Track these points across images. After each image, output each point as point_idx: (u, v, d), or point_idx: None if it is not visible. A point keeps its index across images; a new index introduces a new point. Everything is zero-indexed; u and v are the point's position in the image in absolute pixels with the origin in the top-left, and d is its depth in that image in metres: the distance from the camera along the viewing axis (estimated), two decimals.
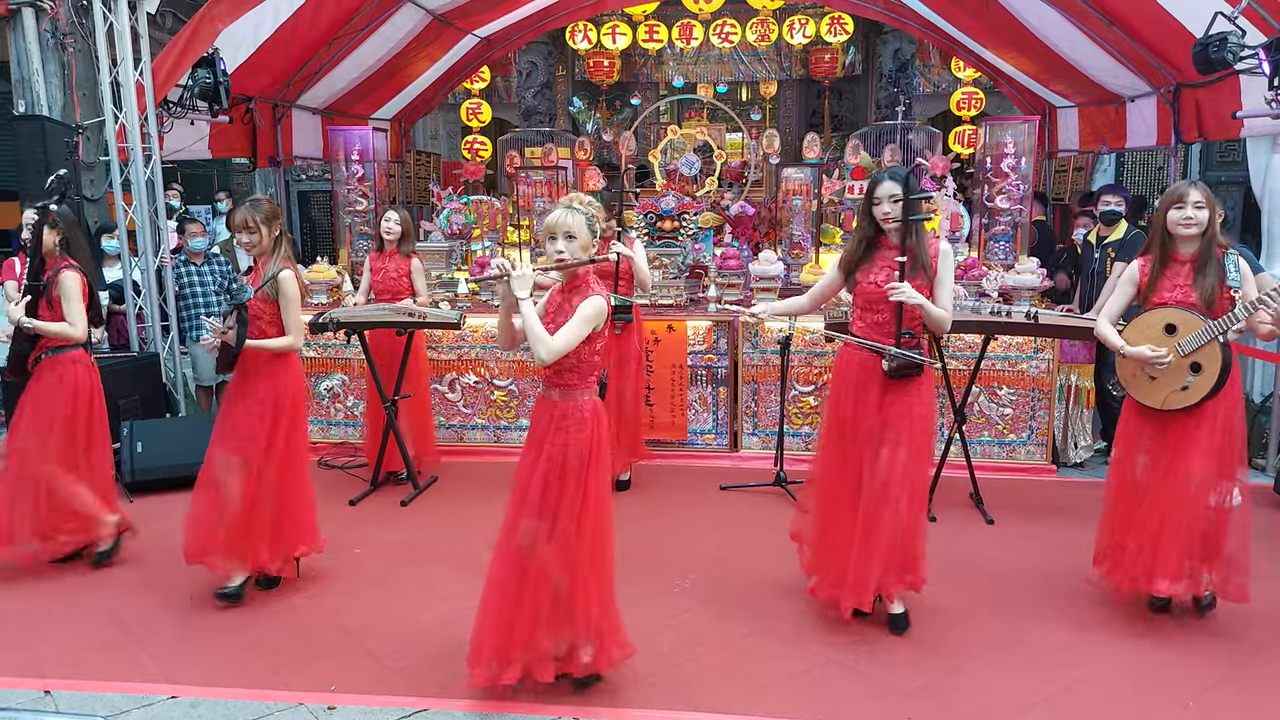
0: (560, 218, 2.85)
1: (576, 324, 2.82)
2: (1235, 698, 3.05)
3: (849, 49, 11.39)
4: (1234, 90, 5.51)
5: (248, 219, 3.60)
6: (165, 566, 4.05)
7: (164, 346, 5.91)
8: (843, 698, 3.09)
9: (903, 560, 3.40)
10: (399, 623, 3.61)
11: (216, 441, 3.69)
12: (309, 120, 8.07)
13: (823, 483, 3.57)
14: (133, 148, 5.64)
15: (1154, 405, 3.41)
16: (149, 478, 5.10)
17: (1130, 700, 3.05)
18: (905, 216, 3.26)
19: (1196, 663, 3.27)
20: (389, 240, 5.30)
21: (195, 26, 5.59)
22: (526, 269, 2.80)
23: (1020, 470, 5.42)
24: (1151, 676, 3.19)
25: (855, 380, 3.42)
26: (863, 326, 3.44)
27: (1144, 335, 3.39)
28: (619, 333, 4.83)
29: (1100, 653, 3.34)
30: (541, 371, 2.96)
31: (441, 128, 13.47)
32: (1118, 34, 6.20)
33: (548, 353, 2.77)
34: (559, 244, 2.84)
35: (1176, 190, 3.34)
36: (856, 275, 3.42)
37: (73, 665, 3.32)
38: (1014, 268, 5.75)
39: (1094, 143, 7.98)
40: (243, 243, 3.66)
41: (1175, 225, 3.32)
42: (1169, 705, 3.02)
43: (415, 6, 7.34)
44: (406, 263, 5.34)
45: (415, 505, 4.98)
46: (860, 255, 3.42)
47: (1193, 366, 3.31)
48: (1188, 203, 3.28)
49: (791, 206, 6.60)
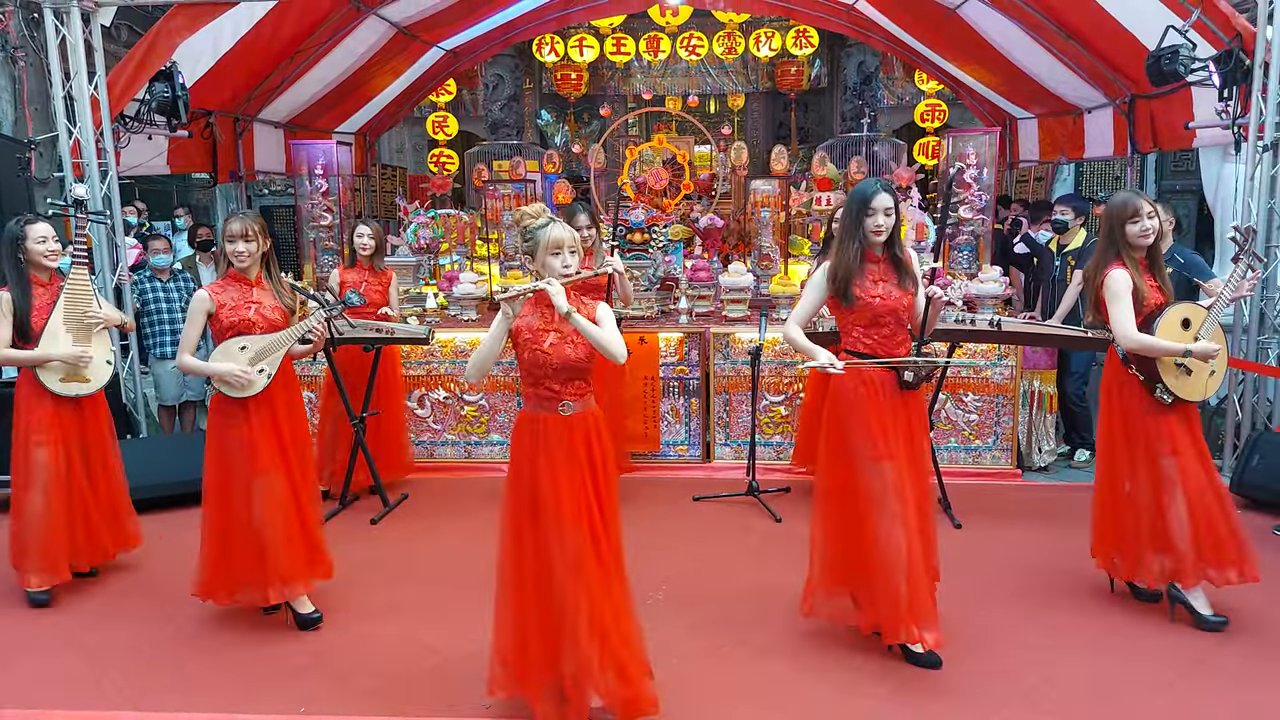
0: (565, 233, 2.81)
1: (613, 326, 2.82)
2: (1204, 694, 3.10)
3: (814, 62, 11.53)
4: (1186, 102, 5.65)
5: (248, 228, 3.51)
6: (129, 591, 3.97)
7: (124, 366, 5.78)
8: (816, 703, 3.09)
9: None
10: (369, 642, 3.55)
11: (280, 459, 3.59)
12: (271, 134, 7.98)
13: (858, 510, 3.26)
14: (88, 163, 5.52)
15: (1200, 397, 3.49)
16: None
17: (1101, 697, 3.08)
18: (941, 227, 3.46)
19: (1166, 656, 3.32)
20: (363, 254, 5.25)
21: (152, 39, 5.50)
22: (559, 285, 2.75)
23: (986, 475, 5.48)
24: (1121, 672, 3.23)
25: (886, 394, 3.24)
26: (869, 343, 3.26)
27: (1173, 335, 3.45)
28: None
29: (1071, 652, 3.38)
30: (560, 388, 2.82)
31: (407, 141, 13.39)
32: (1074, 47, 6.34)
33: (624, 352, 2.79)
34: (567, 258, 2.80)
35: (1129, 204, 3.40)
36: (854, 291, 3.21)
37: (32, 694, 3.23)
38: (978, 276, 5.83)
39: (1053, 153, 8.14)
40: (238, 251, 3.50)
41: (1137, 238, 3.41)
42: (1140, 701, 3.06)
43: (379, 19, 7.30)
44: (386, 277, 5.31)
45: (385, 523, 4.91)
46: (855, 270, 3.24)
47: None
48: (1143, 214, 3.39)
49: (760, 218, 6.63)
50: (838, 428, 3.31)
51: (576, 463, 2.81)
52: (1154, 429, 3.48)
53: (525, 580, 2.85)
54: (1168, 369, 3.44)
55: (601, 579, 2.81)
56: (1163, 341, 3.41)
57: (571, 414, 2.84)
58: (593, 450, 2.85)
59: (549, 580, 2.80)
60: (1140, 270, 3.47)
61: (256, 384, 3.52)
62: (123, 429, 5.63)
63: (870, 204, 3.20)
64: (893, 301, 3.23)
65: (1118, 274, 3.42)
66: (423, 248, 6.67)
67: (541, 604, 2.82)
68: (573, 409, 2.84)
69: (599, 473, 2.85)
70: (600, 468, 2.86)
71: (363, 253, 5.23)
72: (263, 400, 3.55)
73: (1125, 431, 3.55)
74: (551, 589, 2.79)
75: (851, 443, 3.26)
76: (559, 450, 2.81)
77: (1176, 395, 3.45)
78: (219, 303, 3.54)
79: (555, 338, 2.81)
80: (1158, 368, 3.44)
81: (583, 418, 2.85)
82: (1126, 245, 3.45)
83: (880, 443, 3.21)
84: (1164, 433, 3.46)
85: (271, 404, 3.58)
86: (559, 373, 2.82)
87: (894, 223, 3.22)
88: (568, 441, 2.82)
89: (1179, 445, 3.46)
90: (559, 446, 2.81)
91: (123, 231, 5.87)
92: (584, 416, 2.86)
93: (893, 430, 3.23)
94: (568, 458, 2.81)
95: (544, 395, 2.85)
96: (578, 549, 2.77)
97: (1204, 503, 3.43)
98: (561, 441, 2.82)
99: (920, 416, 3.36)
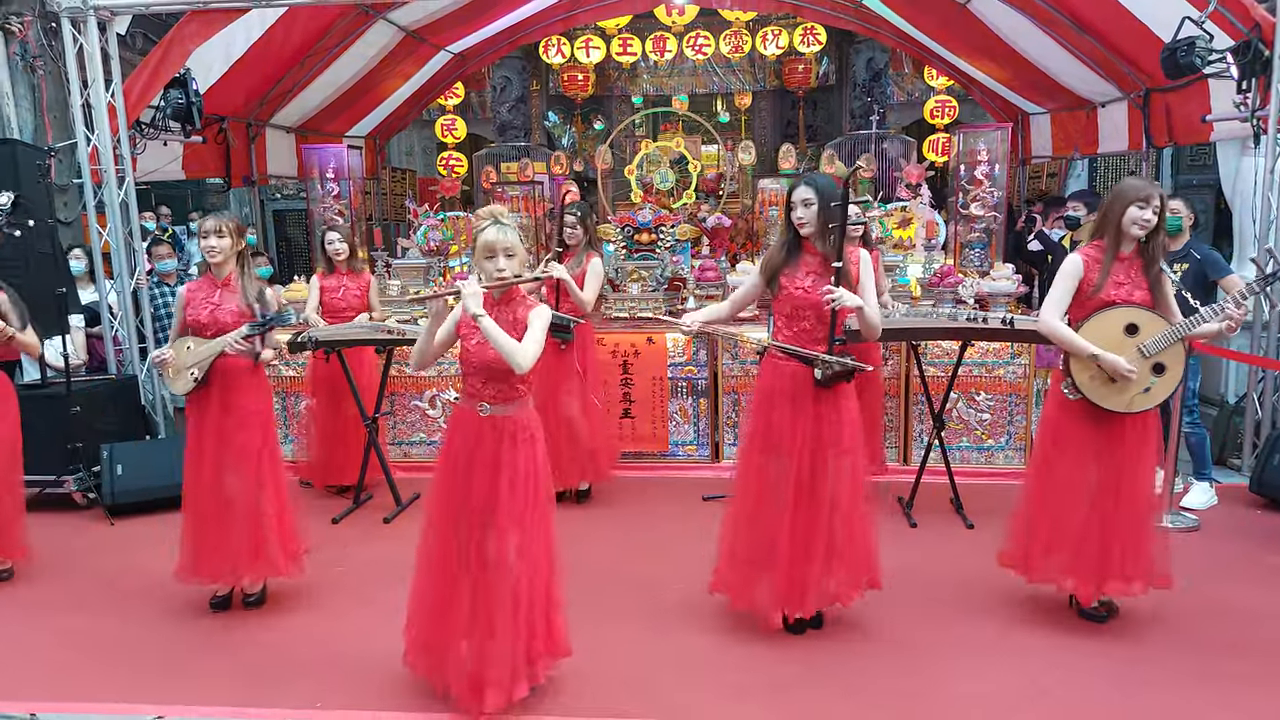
0: (498, 236, 2.82)
1: (539, 331, 2.82)
2: (1208, 698, 3.08)
3: (822, 59, 11.48)
4: (1203, 94, 5.59)
5: (221, 225, 3.63)
6: (147, 588, 4.01)
7: (142, 368, 5.85)
8: (820, 705, 3.09)
9: (867, 564, 3.43)
10: (383, 639, 3.54)
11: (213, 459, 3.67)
12: (283, 139, 8.04)
13: (754, 497, 3.42)
14: (106, 170, 5.59)
15: (1119, 409, 3.30)
16: (129, 500, 5.05)
17: (1108, 700, 3.07)
18: (824, 223, 3.23)
19: (1172, 661, 3.30)
20: (338, 260, 5.29)
21: (166, 47, 5.57)
22: (477, 286, 2.78)
23: (999, 475, 5.45)
24: (1129, 676, 3.21)
25: (790, 391, 3.32)
26: (789, 335, 3.35)
27: (1103, 335, 3.27)
28: (563, 349, 4.80)
29: (1080, 654, 3.36)
30: (480, 386, 2.89)
31: (416, 144, 13.45)
32: (1088, 40, 6.29)
33: (526, 360, 2.75)
34: (500, 261, 2.82)
35: (1142, 190, 3.19)
36: (781, 280, 3.33)
37: (57, 689, 3.28)
38: (990, 274, 5.81)
39: (1066, 148, 8.08)
40: (209, 247, 3.63)
41: (1132, 223, 3.19)
42: (1146, 704, 3.04)
43: (387, 24, 7.34)
44: (364, 279, 5.35)
45: (398, 522, 4.95)
46: (783, 260, 3.34)
47: (1155, 368, 3.28)
48: (1150, 205, 3.17)
49: (768, 217, 6.63)
50: (749, 416, 3.52)
51: (483, 464, 2.86)
52: (1060, 423, 3.43)
53: (426, 564, 2.99)
54: (1081, 366, 3.31)
55: (483, 580, 2.86)
56: (1070, 335, 3.30)
57: (487, 416, 2.88)
58: (502, 455, 2.86)
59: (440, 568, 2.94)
60: (1115, 261, 3.26)
61: (183, 380, 3.66)
62: (141, 430, 5.70)
63: (790, 197, 3.31)
64: (815, 296, 3.24)
65: (1073, 257, 3.35)
66: (432, 250, 6.70)
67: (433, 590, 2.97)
68: (489, 411, 2.88)
69: (504, 477, 2.86)
70: (511, 473, 2.86)
71: (337, 258, 5.28)
72: (199, 399, 3.70)
73: (1069, 424, 3.44)
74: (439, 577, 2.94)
75: (752, 430, 3.47)
76: (471, 447, 2.89)
77: (1085, 396, 3.32)
78: (188, 299, 3.70)
79: (480, 337, 2.84)
80: (1069, 361, 3.36)
81: (499, 421, 2.88)
82: (1118, 229, 3.24)
83: (763, 438, 3.38)
84: (1097, 433, 3.35)
85: (206, 404, 3.68)
86: (478, 371, 2.87)
87: (814, 215, 3.24)
88: (476, 441, 2.88)
89: (1111, 448, 3.34)
90: (473, 444, 2.89)
91: (139, 237, 5.93)
92: (503, 420, 2.88)
93: (796, 425, 3.30)
94: (474, 457, 2.88)
95: (468, 391, 2.94)
96: (460, 546, 2.88)
97: (1118, 511, 3.34)
98: (471, 440, 2.90)
99: (839, 412, 3.31)
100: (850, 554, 3.37)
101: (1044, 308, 3.41)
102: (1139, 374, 3.27)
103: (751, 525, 3.43)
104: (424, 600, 3.01)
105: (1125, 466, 3.35)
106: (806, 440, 3.30)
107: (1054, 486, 3.46)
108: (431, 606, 2.97)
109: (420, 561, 3.03)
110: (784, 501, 3.32)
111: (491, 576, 2.86)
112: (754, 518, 3.42)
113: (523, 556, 2.87)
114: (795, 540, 3.32)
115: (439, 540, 2.96)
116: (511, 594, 2.85)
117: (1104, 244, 3.30)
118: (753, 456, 3.46)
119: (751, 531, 3.43)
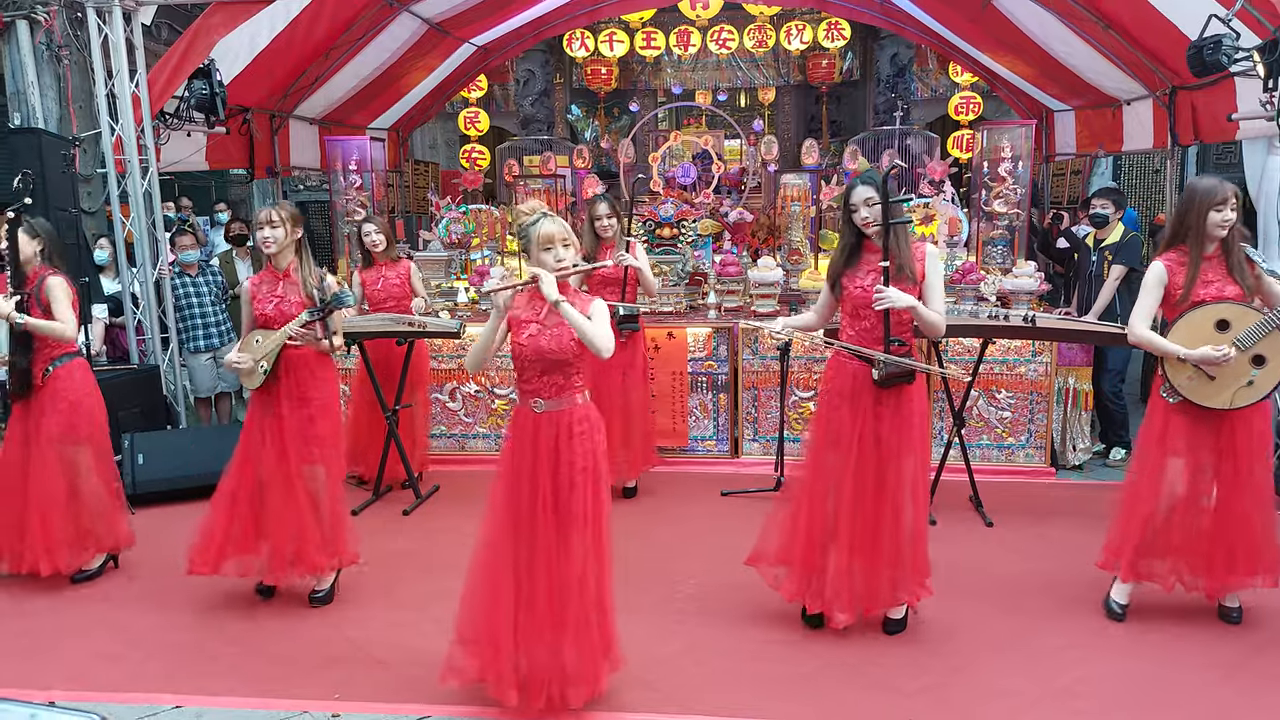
0: (556, 227, 2.82)
1: (605, 321, 2.80)
2: (1237, 696, 3.05)
3: (846, 54, 11.42)
4: (1229, 92, 5.52)
5: (273, 214, 3.62)
6: (168, 578, 4.04)
7: (164, 358, 5.90)
8: (846, 699, 3.09)
9: (918, 567, 3.40)
10: (403, 631, 3.60)
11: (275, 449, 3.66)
12: (306, 130, 8.08)
13: (816, 496, 3.43)
14: (130, 160, 5.64)
15: (1221, 406, 3.29)
16: (151, 490, 5.09)
17: (1133, 699, 3.04)
18: (884, 220, 3.21)
19: (1198, 662, 3.27)
20: (376, 251, 5.30)
21: (191, 38, 5.60)
22: (549, 275, 2.77)
23: (1019, 473, 5.42)
24: (1153, 676, 3.18)
25: (850, 390, 3.34)
26: (852, 334, 3.36)
27: (1195, 336, 3.27)
28: (624, 340, 4.81)
29: (1102, 653, 3.34)
30: (535, 381, 2.87)
31: (439, 137, 13.49)
32: (1113, 37, 6.22)
33: (609, 346, 2.75)
34: (559, 251, 2.82)
35: (1219, 190, 3.20)
36: (843, 281, 3.35)
37: (77, 677, 3.32)
38: (1011, 271, 5.75)
39: (1091, 146, 7.99)
40: (264, 238, 3.62)
41: (1216, 226, 3.22)
42: (1171, 704, 3.01)
43: (412, 16, 7.36)
44: (404, 267, 5.35)
45: (417, 514, 4.97)
46: (845, 262, 3.36)
47: (1255, 360, 3.26)
48: (1228, 204, 3.19)
49: (790, 213, 6.60)
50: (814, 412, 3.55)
51: (540, 461, 2.84)
52: (1167, 426, 3.41)
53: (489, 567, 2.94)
54: (1176, 368, 3.33)
55: (546, 578, 2.84)
56: (1157, 340, 3.33)
57: (542, 412, 2.87)
58: (559, 452, 2.84)
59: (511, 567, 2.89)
60: (1202, 262, 3.28)
61: (255, 375, 3.64)
62: (163, 420, 5.76)
63: (850, 199, 3.29)
64: (873, 294, 3.21)
65: (1156, 265, 3.36)
66: (454, 242, 6.72)
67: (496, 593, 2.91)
68: (544, 407, 2.87)
69: (562, 475, 2.84)
70: (568, 470, 2.83)
71: (374, 250, 5.29)
72: (263, 392, 3.68)
73: (1174, 428, 3.43)
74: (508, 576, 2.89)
75: (815, 427, 3.50)
76: (527, 446, 2.87)
77: (1186, 397, 3.32)
78: (253, 295, 3.68)
79: (535, 329, 2.83)
80: (1165, 365, 3.37)
81: (555, 417, 2.86)
82: (1200, 233, 3.25)
83: (826, 436, 3.39)
84: (1204, 434, 3.36)
85: (274, 396, 3.67)
86: (533, 364, 2.85)
87: (879, 213, 3.21)
88: (534, 439, 2.86)
89: (1221, 448, 3.34)
90: (528, 442, 2.87)
91: (163, 227, 5.99)
92: (558, 415, 2.86)
93: (856, 425, 3.30)
94: (532, 455, 2.85)
95: (524, 390, 2.91)
96: (529, 543, 2.85)
97: (1201, 510, 3.34)
98: (529, 438, 2.87)
99: (901, 415, 3.29)
100: (894, 554, 3.33)
101: (1132, 319, 3.43)
102: (1236, 367, 3.25)
103: (808, 518, 3.43)
104: (484, 604, 2.93)
105: (1241, 461, 3.34)
106: (864, 439, 3.29)
107: (1162, 489, 3.43)
108: (494, 609, 2.90)
109: (479, 564, 2.97)
110: (841, 497, 3.33)
111: (565, 573, 2.83)
112: (810, 512, 3.43)
113: (589, 555, 2.86)
114: (847, 535, 3.31)
115: (504, 542, 2.91)
116: (579, 590, 2.85)
117: (1186, 248, 3.30)
118: (814, 452, 3.48)
119: (809, 522, 3.43)
